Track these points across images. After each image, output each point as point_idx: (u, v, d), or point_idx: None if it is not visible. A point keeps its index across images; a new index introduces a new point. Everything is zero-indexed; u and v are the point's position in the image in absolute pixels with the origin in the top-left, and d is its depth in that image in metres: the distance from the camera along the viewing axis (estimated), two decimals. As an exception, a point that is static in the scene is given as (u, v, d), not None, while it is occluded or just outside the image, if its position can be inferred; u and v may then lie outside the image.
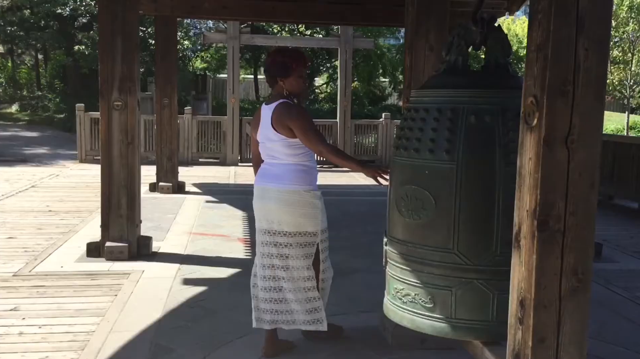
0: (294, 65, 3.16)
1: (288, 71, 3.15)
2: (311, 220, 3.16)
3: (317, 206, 3.19)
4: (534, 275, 2.06)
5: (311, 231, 3.18)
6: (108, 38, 4.99)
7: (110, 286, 4.36)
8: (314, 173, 3.23)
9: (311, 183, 3.19)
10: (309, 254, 3.21)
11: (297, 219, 3.13)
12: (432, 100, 2.70)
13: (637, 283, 4.88)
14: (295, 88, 3.18)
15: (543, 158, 2.02)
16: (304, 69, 3.22)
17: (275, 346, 3.29)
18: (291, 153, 3.13)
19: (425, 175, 2.64)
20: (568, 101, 2.00)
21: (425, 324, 2.68)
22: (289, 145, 3.11)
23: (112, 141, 5.04)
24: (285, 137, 3.09)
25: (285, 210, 3.12)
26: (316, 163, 3.30)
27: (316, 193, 3.21)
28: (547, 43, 1.99)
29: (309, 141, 3.07)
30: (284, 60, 3.16)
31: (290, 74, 3.15)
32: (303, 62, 3.21)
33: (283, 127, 3.07)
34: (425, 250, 2.65)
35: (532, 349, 2.07)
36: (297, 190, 3.12)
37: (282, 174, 3.14)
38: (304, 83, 3.25)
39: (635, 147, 8.12)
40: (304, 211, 3.14)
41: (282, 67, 3.15)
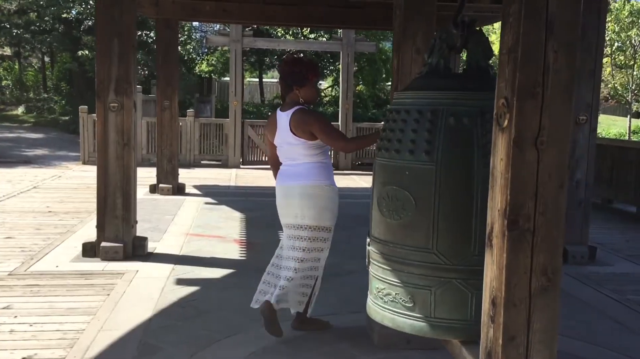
0: (310, 75, 3.42)
1: (304, 81, 3.41)
2: (330, 214, 3.43)
3: (335, 201, 3.47)
4: (504, 274, 2.09)
5: (328, 226, 3.45)
6: (105, 40, 5.06)
7: (103, 286, 4.41)
8: (330, 170, 3.51)
9: (329, 179, 3.48)
10: (321, 248, 3.46)
11: (318, 212, 3.38)
12: (413, 102, 2.73)
13: (628, 286, 4.89)
14: (309, 96, 3.46)
15: (513, 158, 2.05)
16: (317, 78, 3.52)
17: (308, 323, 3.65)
18: (310, 154, 3.39)
19: (405, 175, 2.67)
20: (537, 103, 2.03)
21: (405, 324, 2.70)
22: (309, 147, 3.37)
23: (108, 142, 5.10)
24: (305, 140, 3.34)
25: (308, 204, 3.38)
26: (329, 159, 3.56)
27: (334, 188, 3.49)
28: (517, 46, 2.02)
29: (331, 140, 3.36)
30: (301, 70, 3.42)
31: (306, 84, 3.41)
32: (317, 73, 3.52)
33: (303, 131, 3.32)
34: (405, 249, 2.68)
35: (503, 347, 2.10)
36: (320, 184, 3.40)
37: (305, 172, 3.40)
38: (317, 91, 3.58)
39: (634, 152, 8.12)
40: (324, 204, 3.40)
41: (299, 77, 3.41)
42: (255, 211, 7.61)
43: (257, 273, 4.87)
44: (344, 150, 3.38)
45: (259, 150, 13.02)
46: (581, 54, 5.38)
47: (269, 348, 3.44)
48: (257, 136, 12.95)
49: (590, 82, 5.43)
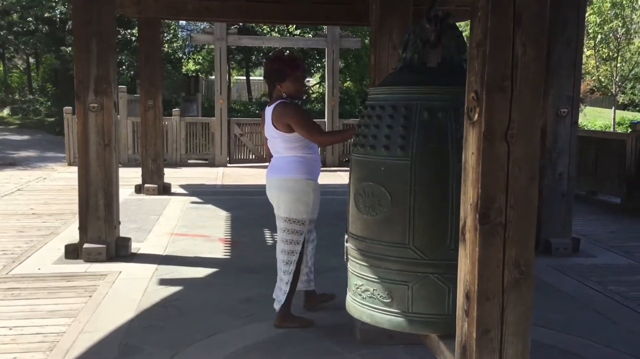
0: (288, 70, 3.53)
1: (284, 76, 3.52)
2: (302, 206, 3.52)
3: (310, 195, 3.54)
4: (477, 268, 2.09)
5: (300, 219, 3.54)
6: (83, 40, 5.01)
7: (85, 288, 4.38)
8: (312, 164, 3.56)
9: (307, 173, 3.54)
10: (294, 241, 3.57)
11: (289, 204, 3.51)
12: (387, 97, 2.73)
13: (611, 277, 4.92)
14: (291, 90, 3.55)
15: (484, 152, 2.05)
16: (299, 72, 3.57)
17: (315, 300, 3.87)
18: (289, 147, 3.50)
19: (381, 171, 2.67)
20: (507, 96, 2.03)
21: (383, 319, 2.71)
22: (287, 140, 3.48)
23: (89, 143, 5.06)
24: (283, 132, 3.46)
25: (284, 197, 3.53)
26: (316, 155, 3.61)
27: (310, 182, 3.54)
28: (485, 39, 2.03)
29: (306, 133, 3.43)
30: (279, 66, 3.55)
31: (286, 79, 3.52)
32: (297, 67, 3.57)
33: (281, 124, 3.45)
34: (382, 245, 2.68)
35: (477, 341, 2.11)
36: (294, 178, 3.50)
37: (282, 165, 3.54)
38: (300, 85, 3.60)
39: (617, 143, 8.17)
40: (296, 196, 3.50)
41: (279, 73, 3.53)
42: (241, 210, 7.59)
43: (241, 271, 4.89)
44: (319, 143, 3.51)
45: (246, 148, 12.99)
46: (561, 46, 5.41)
47: (251, 346, 3.43)
48: (244, 134, 12.92)
49: (571, 74, 5.46)
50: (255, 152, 13.02)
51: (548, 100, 5.47)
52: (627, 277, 4.93)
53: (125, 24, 17.41)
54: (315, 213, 3.67)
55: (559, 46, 5.39)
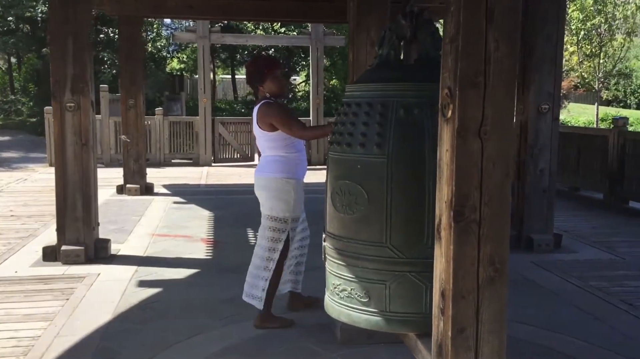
0: (265, 70, 3.57)
1: (262, 77, 3.57)
2: (282, 204, 3.54)
3: (289, 193, 3.55)
4: (452, 266, 2.07)
5: (280, 216, 3.56)
6: (59, 39, 4.93)
7: (62, 291, 4.31)
8: (293, 163, 3.58)
9: (287, 172, 3.56)
10: (275, 238, 3.58)
11: (270, 202, 3.56)
12: (363, 95, 2.70)
13: (592, 272, 4.93)
14: (273, 89, 3.59)
15: (457, 149, 2.03)
16: (277, 71, 3.62)
17: (300, 301, 3.87)
18: (271, 146, 3.55)
19: (357, 169, 2.64)
20: (480, 92, 2.01)
21: (361, 319, 2.68)
22: (269, 139, 3.53)
23: (66, 143, 4.99)
24: (266, 131, 3.51)
25: (263, 194, 3.60)
26: (301, 154, 3.62)
27: (290, 181, 3.56)
28: (458, 35, 2.00)
29: (289, 129, 3.45)
30: (256, 68, 3.62)
31: (265, 79, 3.56)
32: (274, 66, 3.64)
33: (265, 123, 3.49)
34: (359, 244, 2.65)
35: (452, 340, 2.08)
36: (272, 177, 3.55)
37: (264, 165, 3.60)
38: (281, 83, 3.64)
39: (600, 139, 8.22)
40: (275, 194, 3.54)
41: (257, 75, 3.59)
42: (225, 209, 7.53)
43: (223, 272, 4.84)
44: (300, 137, 3.52)
45: (231, 147, 12.92)
46: (542, 42, 5.41)
47: (231, 347, 3.39)
48: (228, 133, 12.84)
49: (552, 70, 5.46)
50: (240, 151, 12.95)
51: (529, 96, 5.48)
52: (608, 272, 4.95)
53: (107, 22, 17.25)
54: (298, 212, 3.66)
55: (539, 42, 5.39)
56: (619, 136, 7.73)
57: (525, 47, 5.52)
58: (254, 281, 3.65)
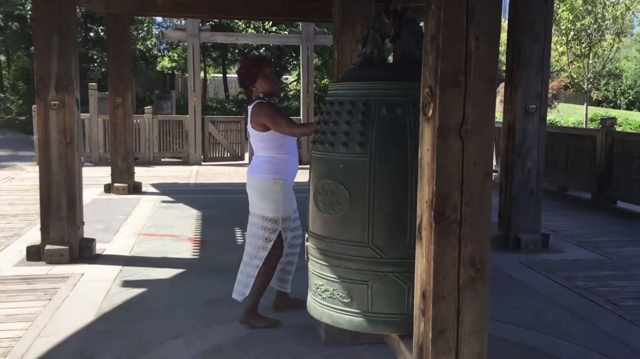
0: (254, 70, 3.60)
1: (253, 77, 3.59)
2: (272, 205, 3.56)
3: (278, 193, 3.57)
4: (432, 266, 2.05)
5: (271, 217, 3.57)
6: (43, 36, 4.87)
7: (45, 291, 4.26)
8: (282, 164, 3.59)
9: (276, 173, 3.59)
10: (265, 237, 3.58)
11: (259, 202, 3.59)
12: (346, 93, 2.67)
13: (579, 272, 4.93)
14: (265, 88, 3.60)
15: (438, 148, 2.01)
16: (266, 69, 3.64)
17: (286, 302, 3.87)
18: (262, 147, 3.58)
19: (340, 169, 2.62)
20: (461, 91, 1.99)
21: (343, 320, 2.66)
22: (261, 139, 3.55)
23: (50, 141, 4.93)
24: (258, 132, 3.55)
25: (253, 194, 3.64)
26: (292, 155, 3.63)
27: (278, 182, 3.58)
28: (438, 33, 1.98)
29: (278, 127, 3.47)
30: (245, 70, 3.64)
31: (256, 79, 3.59)
32: (263, 65, 3.66)
33: (257, 123, 3.52)
34: (342, 244, 2.63)
35: (433, 341, 2.07)
36: (261, 178, 3.58)
37: (254, 165, 3.64)
38: (271, 81, 3.65)
39: (588, 139, 8.24)
40: (264, 195, 3.57)
41: (247, 77, 3.62)
42: (214, 209, 7.49)
43: (208, 272, 4.80)
44: (290, 134, 3.53)
45: (221, 146, 12.86)
46: (529, 42, 5.41)
47: (213, 348, 3.35)
48: (218, 132, 12.78)
49: (540, 70, 5.46)
50: (230, 150, 12.90)
51: (516, 96, 5.47)
52: (595, 272, 4.95)
53: (97, 20, 17.13)
54: (289, 212, 3.65)
55: (527, 42, 5.39)
56: (607, 136, 7.75)
57: (513, 47, 5.52)
58: (240, 277, 3.68)
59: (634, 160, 7.33)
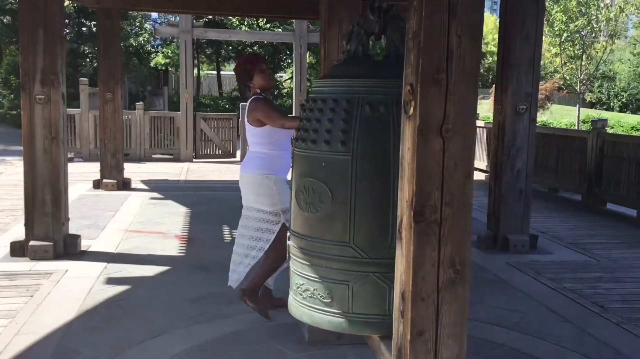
0: (249, 66, 3.65)
1: (249, 74, 3.64)
2: (267, 199, 3.58)
3: (271, 187, 3.59)
4: (411, 267, 2.02)
5: (269, 210, 3.58)
6: (29, 29, 4.81)
7: (27, 287, 4.20)
8: (274, 161, 3.62)
9: (267, 168, 3.63)
10: (265, 229, 3.59)
11: (253, 196, 3.63)
12: (329, 91, 2.64)
13: (566, 274, 4.92)
14: (262, 83, 3.65)
15: (418, 147, 1.98)
16: (261, 65, 3.68)
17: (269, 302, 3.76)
18: (257, 142, 3.62)
19: (322, 167, 2.58)
20: (442, 89, 1.96)
21: (323, 320, 2.62)
22: (255, 134, 3.60)
23: (35, 136, 4.87)
24: (253, 127, 3.60)
25: (246, 189, 3.68)
26: (285, 152, 3.62)
27: (270, 177, 3.62)
28: (420, 30, 1.94)
29: (271, 120, 3.50)
30: (242, 68, 3.68)
31: (252, 75, 3.64)
32: (257, 61, 3.71)
33: (253, 118, 3.57)
34: (323, 243, 2.59)
35: (411, 343, 2.03)
36: (254, 173, 3.61)
37: (247, 161, 3.67)
38: (268, 76, 3.70)
39: (579, 140, 8.23)
40: (257, 190, 3.60)
41: (243, 75, 3.67)
42: (203, 206, 7.44)
43: (194, 270, 4.76)
44: (281, 127, 3.55)
45: (212, 143, 12.80)
46: (520, 42, 5.39)
47: (194, 348, 3.31)
48: (210, 129, 12.72)
49: (530, 70, 5.44)
50: (222, 147, 12.84)
51: (507, 96, 5.45)
52: (582, 274, 4.94)
53: (89, 15, 17.02)
54: (287, 204, 3.61)
55: (517, 41, 5.36)
56: (598, 138, 7.75)
57: (503, 46, 5.49)
58: (234, 267, 3.68)
59: (624, 162, 7.33)
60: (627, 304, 4.24)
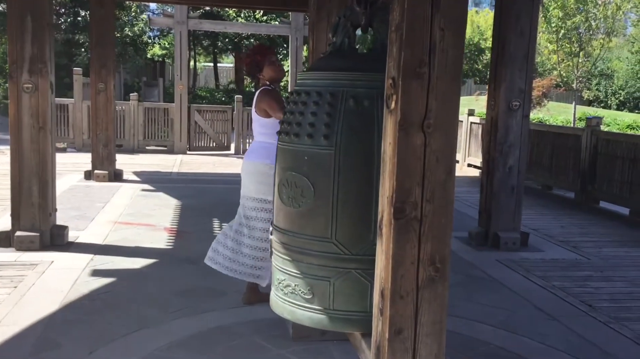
0: (259, 57, 3.70)
1: (259, 65, 3.69)
2: (268, 189, 3.52)
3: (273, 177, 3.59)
4: (391, 264, 1.98)
5: (270, 199, 3.51)
6: (16, 17, 4.74)
7: (11, 278, 4.16)
8: None
9: (271, 159, 3.57)
10: (268, 219, 3.56)
11: (255, 186, 3.65)
12: (313, 84, 2.59)
13: (556, 272, 4.89)
14: (272, 74, 3.71)
15: (399, 142, 1.94)
16: (271, 56, 3.74)
17: (255, 295, 3.79)
18: (262, 132, 3.67)
19: (304, 161, 2.54)
20: (424, 83, 1.91)
21: (304, 316, 2.59)
22: (261, 124, 3.66)
23: (22, 125, 4.81)
24: (260, 117, 3.66)
25: (247, 179, 3.71)
26: None
27: (272, 166, 3.61)
28: (402, 22, 1.90)
29: (273, 111, 3.55)
30: (251, 59, 3.73)
31: (262, 66, 3.69)
32: (267, 52, 3.76)
33: (260, 109, 3.64)
34: (304, 239, 2.55)
35: (389, 342, 2.00)
36: (256, 162, 3.65)
37: (251, 150, 3.73)
38: (277, 67, 3.74)
39: (573, 138, 8.20)
40: (260, 179, 3.61)
41: (253, 66, 3.72)
42: (194, 199, 7.39)
43: (181, 263, 4.72)
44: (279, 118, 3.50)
45: (206, 135, 12.73)
46: (514, 37, 5.34)
47: (177, 342, 3.27)
48: (204, 121, 12.65)
49: (524, 66, 5.39)
50: (216, 140, 12.78)
51: (500, 92, 5.41)
52: (572, 272, 4.92)
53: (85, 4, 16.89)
54: None
55: (512, 37, 5.32)
56: (592, 135, 7.72)
57: (498, 42, 5.45)
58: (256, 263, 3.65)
59: (618, 160, 7.30)
60: (616, 303, 4.22)
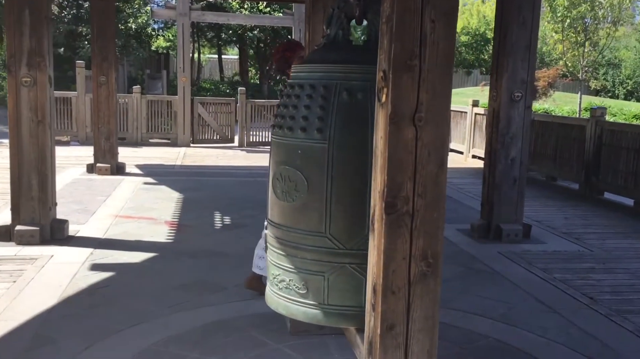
0: (288, 54, 3.68)
1: (288, 61, 3.63)
2: None
3: None
4: (382, 260, 1.96)
5: None
6: (14, 10, 4.72)
7: (11, 272, 4.16)
8: None
9: None
10: None
11: None
12: (307, 76, 2.56)
13: (558, 264, 4.86)
14: None
15: (390, 136, 1.91)
16: (301, 52, 3.72)
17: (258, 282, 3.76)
18: None
19: (298, 155, 2.51)
20: (414, 76, 1.88)
21: (298, 311, 2.57)
22: None
23: (21, 119, 4.81)
24: None
25: None
26: None
27: None
28: (392, 14, 1.86)
29: None
30: (281, 55, 3.71)
31: (290, 63, 3.59)
32: (297, 48, 3.77)
33: None
34: (298, 233, 2.53)
35: (381, 337, 1.98)
36: None
37: None
38: None
39: (577, 129, 8.13)
40: None
41: (283, 63, 3.68)
42: (196, 192, 7.38)
43: (181, 256, 4.71)
44: None
45: (210, 128, 12.71)
46: (516, 28, 5.28)
47: (174, 337, 3.26)
48: (208, 114, 12.63)
49: (526, 57, 5.33)
50: (220, 132, 12.76)
51: (502, 83, 5.36)
52: (574, 265, 4.88)
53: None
54: None
55: (514, 28, 5.25)
56: (597, 126, 7.64)
57: (500, 32, 5.39)
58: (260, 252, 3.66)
59: (623, 151, 7.23)
60: (617, 295, 4.19)
